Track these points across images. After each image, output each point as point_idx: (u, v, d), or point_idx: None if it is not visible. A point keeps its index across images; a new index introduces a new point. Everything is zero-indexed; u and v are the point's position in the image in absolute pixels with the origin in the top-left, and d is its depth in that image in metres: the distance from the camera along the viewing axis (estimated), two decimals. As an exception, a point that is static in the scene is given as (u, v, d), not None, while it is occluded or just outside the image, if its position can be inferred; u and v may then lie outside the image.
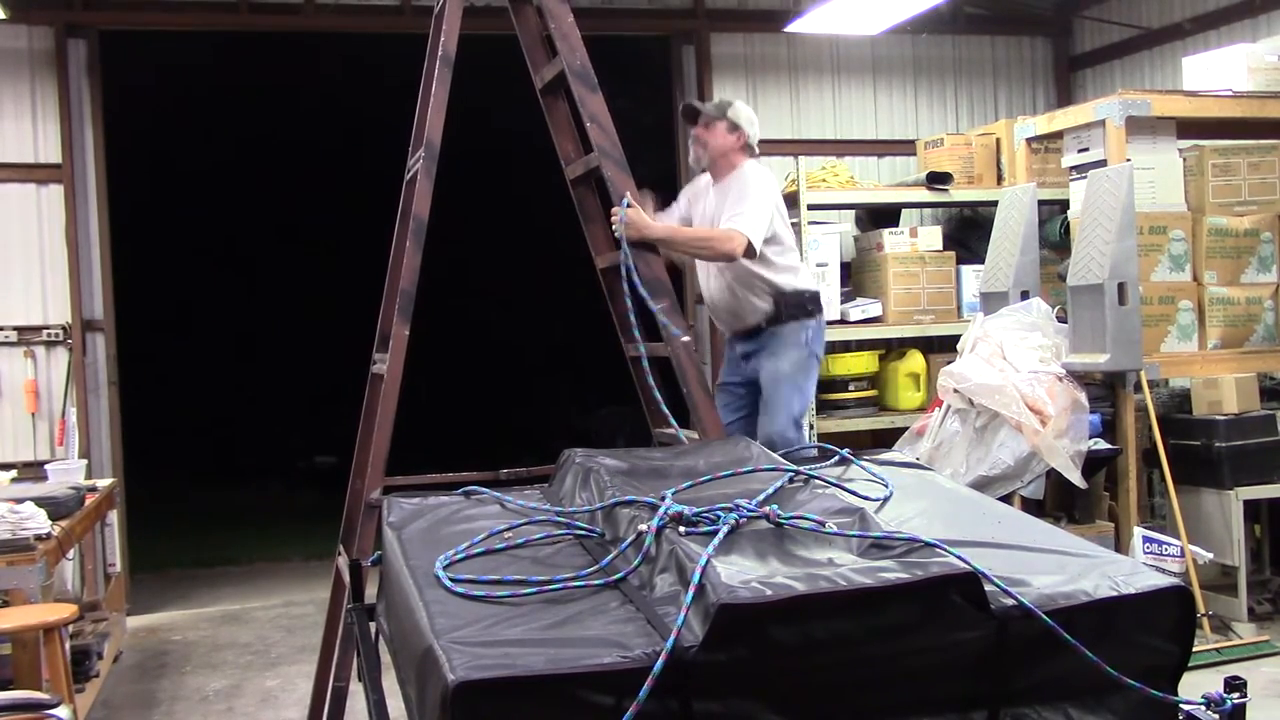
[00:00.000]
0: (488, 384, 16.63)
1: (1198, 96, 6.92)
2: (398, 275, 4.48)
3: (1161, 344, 6.71)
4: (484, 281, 16.26)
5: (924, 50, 10.20)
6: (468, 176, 9.79)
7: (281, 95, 13.98)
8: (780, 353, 5.55)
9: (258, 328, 16.91)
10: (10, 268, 8.31)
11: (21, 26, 8.29)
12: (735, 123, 5.68)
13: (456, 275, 14.05)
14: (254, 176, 15.70)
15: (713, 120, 5.67)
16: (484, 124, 10.72)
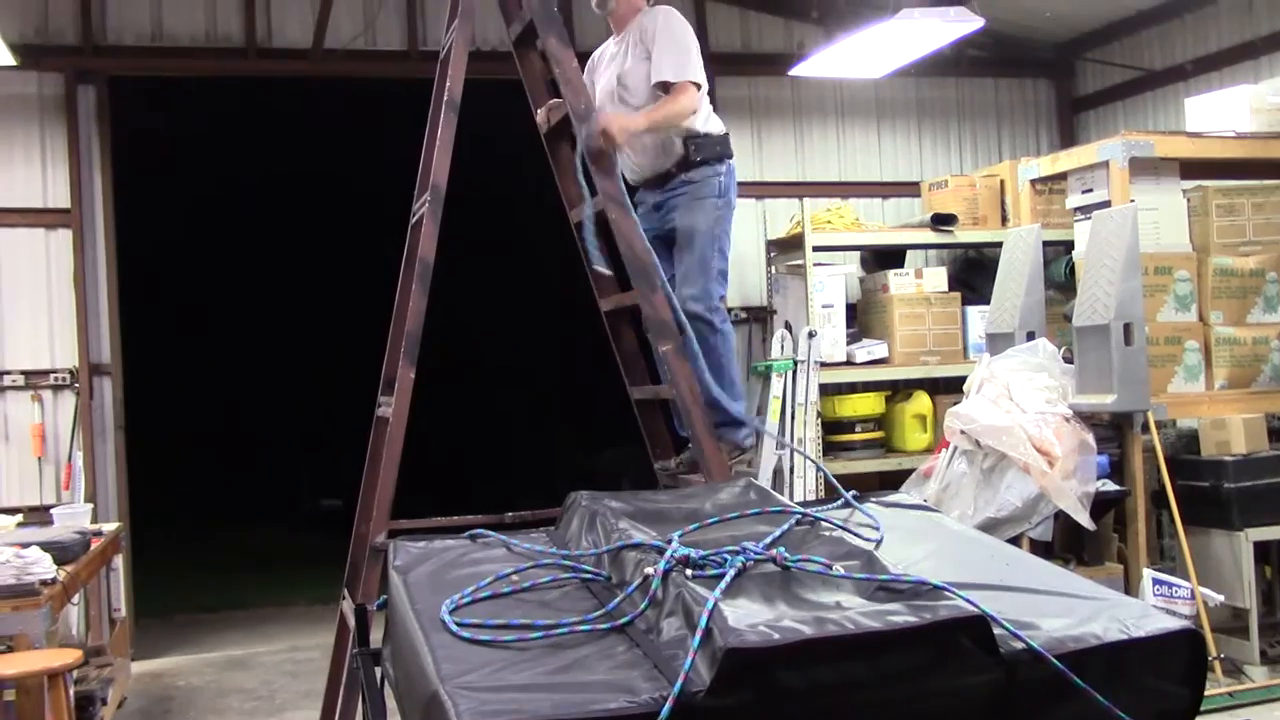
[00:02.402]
0: (493, 427, 16.62)
1: (1201, 138, 6.94)
2: (403, 318, 4.49)
3: (1168, 384, 6.69)
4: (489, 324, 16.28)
5: (928, 92, 10.26)
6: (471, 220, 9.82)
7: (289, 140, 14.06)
8: (696, 207, 5.19)
9: (264, 370, 16.93)
10: (18, 311, 8.33)
11: (32, 73, 8.36)
12: None
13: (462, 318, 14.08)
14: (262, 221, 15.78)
15: None
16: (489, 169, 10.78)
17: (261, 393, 16.97)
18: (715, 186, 5.18)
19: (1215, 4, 8.99)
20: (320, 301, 16.59)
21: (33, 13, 8.47)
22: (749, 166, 9.83)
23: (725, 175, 5.23)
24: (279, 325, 16.91)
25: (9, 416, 8.28)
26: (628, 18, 5.31)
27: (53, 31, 8.51)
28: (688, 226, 5.15)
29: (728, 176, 5.24)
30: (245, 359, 16.99)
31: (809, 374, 8.40)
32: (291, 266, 16.45)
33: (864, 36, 8.03)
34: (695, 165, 5.16)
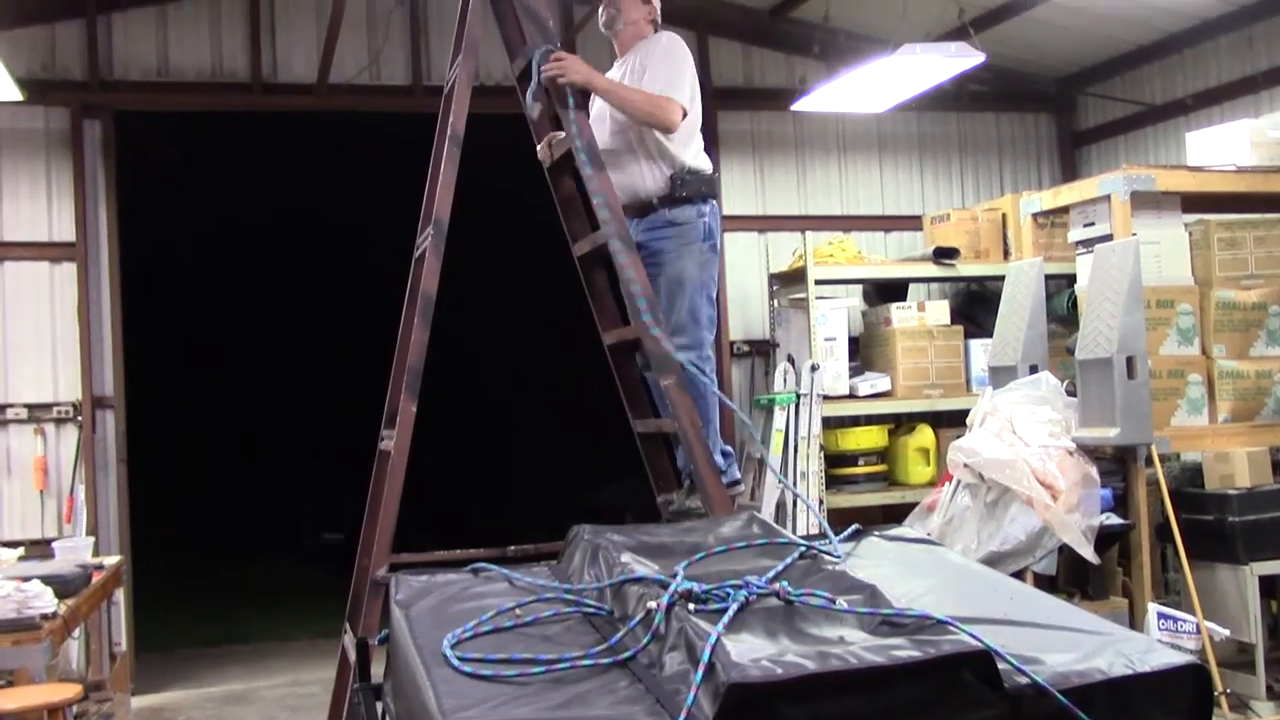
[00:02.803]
0: (495, 460, 16.60)
1: (1202, 172, 6.96)
2: (405, 351, 4.49)
3: (1172, 418, 6.68)
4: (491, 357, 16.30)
5: (929, 127, 10.31)
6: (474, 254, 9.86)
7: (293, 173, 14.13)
8: (685, 253, 5.06)
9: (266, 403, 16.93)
10: (22, 345, 8.36)
11: (38, 108, 8.42)
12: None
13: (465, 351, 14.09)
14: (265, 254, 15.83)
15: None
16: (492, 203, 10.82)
17: (263, 426, 16.96)
18: (701, 229, 5.08)
19: (1215, 40, 9.04)
20: (323, 334, 16.61)
21: (40, 49, 8.54)
22: (751, 200, 9.87)
23: (710, 217, 5.12)
24: (281, 358, 16.93)
25: (11, 450, 8.28)
26: (631, 41, 5.33)
27: (60, 67, 8.58)
28: (677, 274, 5.03)
29: (712, 218, 5.13)
30: (247, 391, 17.01)
31: (812, 407, 8.39)
32: (294, 299, 16.49)
33: (865, 71, 8.08)
34: (679, 202, 5.05)
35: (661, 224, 5.06)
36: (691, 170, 5.10)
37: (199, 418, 16.67)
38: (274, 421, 16.92)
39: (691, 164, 5.11)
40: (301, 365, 16.79)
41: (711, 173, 5.22)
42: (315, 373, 16.66)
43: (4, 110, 8.28)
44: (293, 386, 16.78)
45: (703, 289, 5.07)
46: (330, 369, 16.26)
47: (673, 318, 4.88)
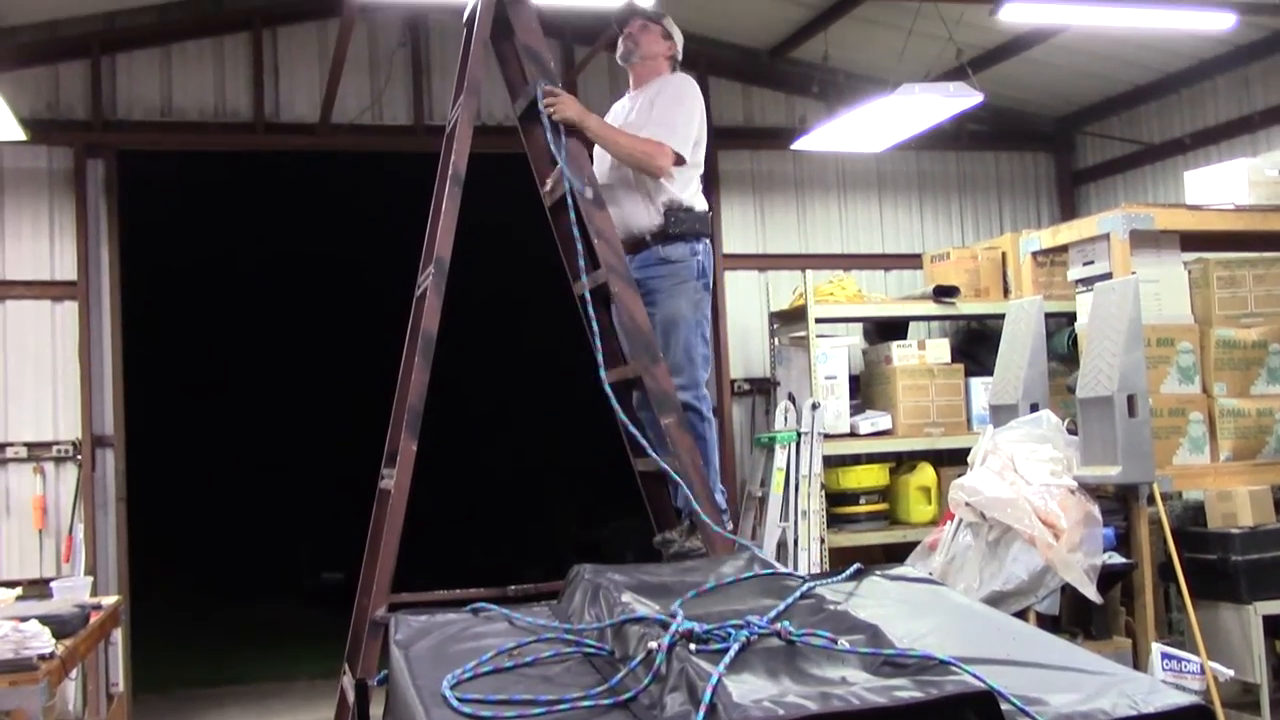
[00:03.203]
0: (496, 499, 16.56)
1: (1201, 210, 6.99)
2: (406, 391, 4.49)
3: (1173, 456, 6.67)
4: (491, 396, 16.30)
5: (928, 166, 10.36)
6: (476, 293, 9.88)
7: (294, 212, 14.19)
8: (678, 292, 5.08)
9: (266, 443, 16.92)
10: (23, 383, 8.36)
11: (42, 147, 8.47)
12: (669, 31, 5.53)
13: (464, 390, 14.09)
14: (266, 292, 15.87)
15: (649, 23, 5.48)
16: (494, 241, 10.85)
17: (263, 465, 16.94)
18: (694, 268, 5.11)
19: (1212, 80, 9.10)
20: (323, 373, 16.62)
21: (44, 89, 8.59)
22: (752, 239, 9.90)
23: (703, 255, 5.15)
24: (281, 396, 16.94)
25: (10, 489, 8.27)
26: (647, 77, 5.37)
27: (63, 107, 8.63)
28: (671, 314, 5.04)
29: (705, 257, 5.16)
30: (247, 430, 17.00)
31: (813, 445, 8.38)
32: (295, 338, 16.51)
33: (865, 111, 8.13)
34: (672, 239, 5.07)
35: (655, 261, 5.09)
36: (686, 208, 5.13)
37: (199, 457, 16.65)
38: (274, 460, 16.90)
39: (686, 202, 5.14)
40: (302, 404, 16.79)
41: (706, 211, 5.25)
42: (315, 411, 16.66)
43: (7, 150, 8.33)
44: (293, 425, 16.77)
45: (697, 327, 5.09)
46: (330, 407, 16.26)
47: (669, 357, 4.89)
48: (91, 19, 8.68)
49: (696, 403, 4.96)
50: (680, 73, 5.46)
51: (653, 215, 5.11)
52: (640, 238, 5.10)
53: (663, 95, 5.21)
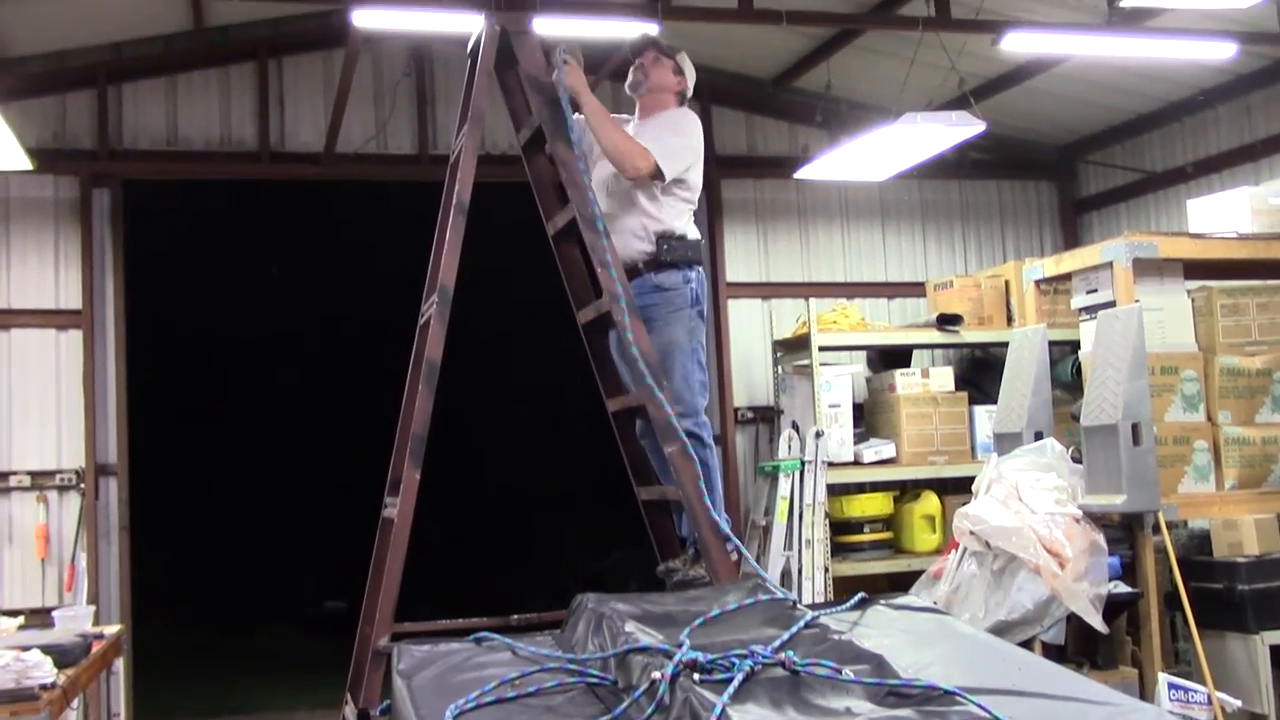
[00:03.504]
0: (499, 528, 16.53)
1: (1204, 239, 6.99)
2: (409, 419, 4.50)
3: (1178, 485, 6.65)
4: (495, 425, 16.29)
5: (931, 194, 10.38)
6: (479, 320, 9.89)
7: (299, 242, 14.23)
8: (673, 320, 5.10)
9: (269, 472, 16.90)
10: (27, 412, 8.36)
11: (48, 177, 8.51)
12: (681, 67, 5.56)
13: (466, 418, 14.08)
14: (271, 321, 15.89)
15: (662, 56, 5.50)
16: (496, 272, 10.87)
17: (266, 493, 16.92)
18: (688, 296, 5.13)
19: (1214, 109, 9.13)
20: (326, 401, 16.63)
21: (51, 118, 8.64)
22: (755, 267, 9.92)
23: (696, 283, 5.18)
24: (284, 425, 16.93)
25: (13, 518, 8.26)
26: (653, 108, 5.40)
27: (70, 136, 8.67)
28: (667, 342, 5.05)
29: (699, 284, 5.19)
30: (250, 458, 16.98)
31: (816, 474, 8.37)
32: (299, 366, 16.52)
33: (867, 140, 8.15)
34: (664, 267, 5.10)
35: (649, 289, 5.11)
36: (678, 236, 5.15)
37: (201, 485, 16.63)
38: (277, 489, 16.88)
39: (679, 230, 5.16)
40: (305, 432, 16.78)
41: (698, 240, 5.27)
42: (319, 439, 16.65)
43: (14, 179, 8.36)
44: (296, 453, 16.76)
45: (693, 354, 5.11)
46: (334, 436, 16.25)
47: (668, 385, 4.90)
48: (98, 49, 8.73)
49: (697, 429, 4.96)
50: (686, 108, 5.49)
51: (645, 243, 5.13)
52: (633, 266, 5.12)
53: (661, 124, 5.25)
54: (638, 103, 5.46)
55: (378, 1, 6.82)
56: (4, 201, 8.50)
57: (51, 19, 8.04)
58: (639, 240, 5.14)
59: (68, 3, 7.64)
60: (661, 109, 5.38)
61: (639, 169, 5.00)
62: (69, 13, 7.99)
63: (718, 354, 9.48)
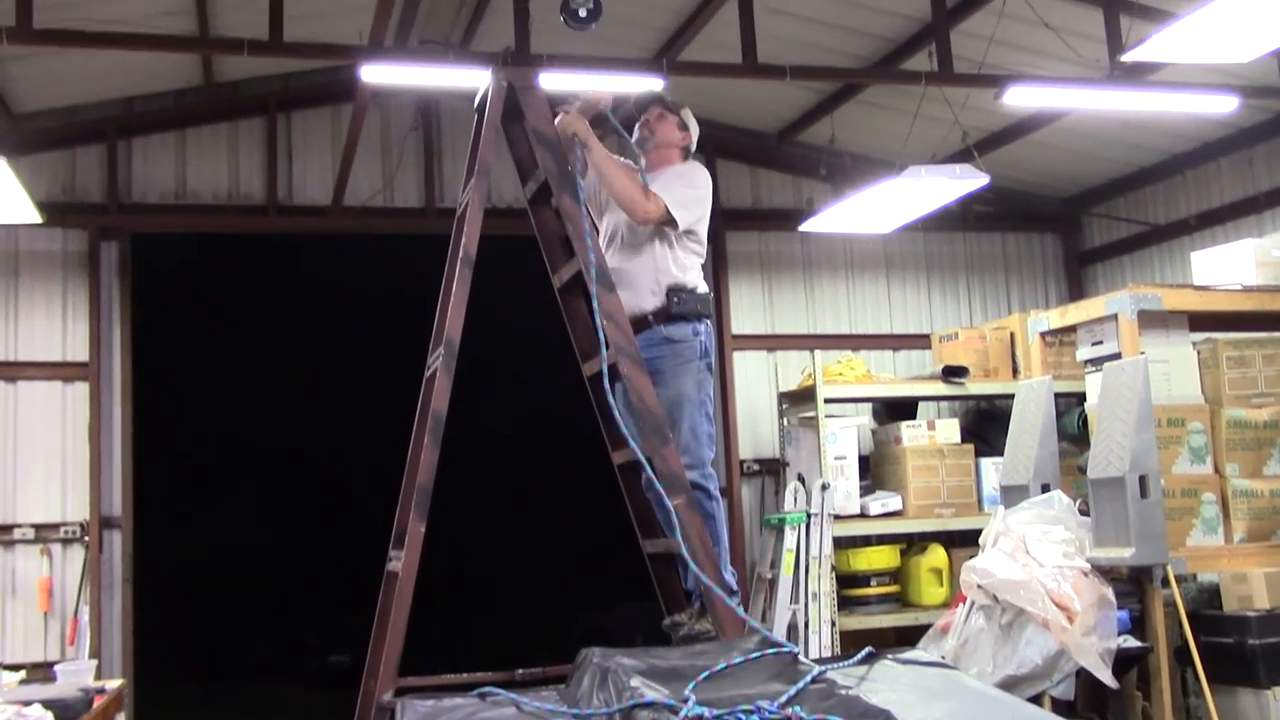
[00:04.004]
0: (503, 580, 16.45)
1: (1208, 291, 7.00)
2: (415, 471, 4.49)
3: (1187, 537, 6.61)
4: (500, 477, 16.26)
5: (936, 246, 10.42)
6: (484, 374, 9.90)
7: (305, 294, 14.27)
8: (682, 372, 5.11)
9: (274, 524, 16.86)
10: (32, 464, 8.37)
11: (57, 230, 8.57)
12: (685, 122, 5.59)
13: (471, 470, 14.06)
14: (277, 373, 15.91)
15: (667, 112, 5.53)
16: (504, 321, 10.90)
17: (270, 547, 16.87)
18: (697, 348, 5.14)
19: (1216, 161, 9.19)
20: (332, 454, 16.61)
21: (61, 172, 8.72)
22: (760, 319, 9.94)
23: (705, 336, 5.19)
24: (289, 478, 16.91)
25: (17, 571, 8.24)
26: (659, 164, 5.43)
27: (79, 190, 8.74)
28: (675, 394, 5.05)
29: (707, 337, 5.21)
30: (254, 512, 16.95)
31: (823, 527, 8.34)
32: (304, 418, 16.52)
33: (872, 193, 8.20)
34: (674, 319, 5.11)
35: (658, 341, 5.12)
36: (688, 289, 5.17)
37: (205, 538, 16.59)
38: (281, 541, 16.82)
39: (689, 284, 5.19)
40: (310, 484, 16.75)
41: (707, 293, 5.29)
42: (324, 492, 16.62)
43: (23, 232, 8.42)
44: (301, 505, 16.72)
45: (701, 407, 5.11)
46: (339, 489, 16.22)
47: (675, 437, 4.89)
48: (110, 104, 8.83)
49: (704, 481, 4.95)
50: (693, 160, 5.53)
51: (656, 296, 5.15)
52: (643, 318, 5.14)
53: (667, 175, 5.28)
54: (644, 158, 5.49)
55: (386, 57, 6.89)
56: (13, 254, 8.55)
57: (64, 75, 8.13)
58: (649, 293, 5.15)
59: (80, 59, 7.73)
60: (667, 164, 5.42)
61: (649, 213, 5.05)
62: (81, 69, 8.08)
63: (723, 406, 9.48)
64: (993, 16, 7.42)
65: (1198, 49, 6.15)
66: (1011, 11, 7.36)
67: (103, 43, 6.85)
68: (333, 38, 7.50)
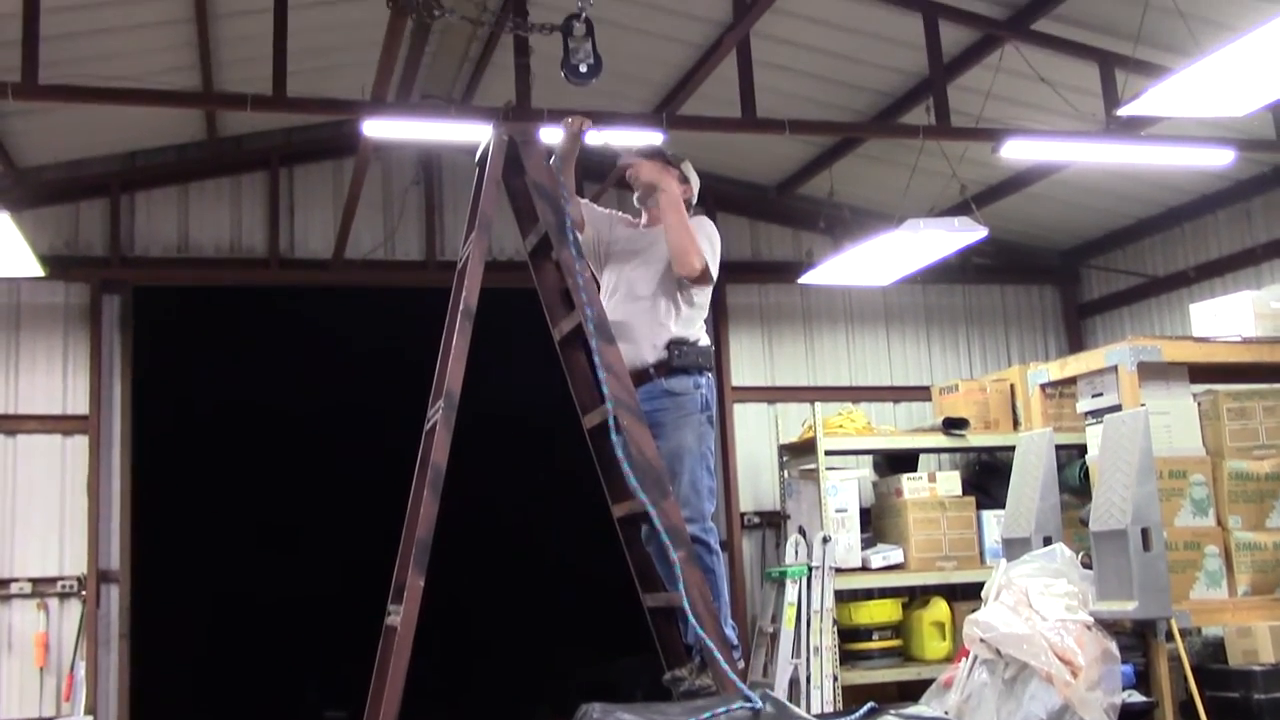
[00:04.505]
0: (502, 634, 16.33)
1: (1208, 342, 7.00)
2: (414, 524, 4.47)
3: (1190, 591, 6.57)
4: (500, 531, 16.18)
5: (935, 299, 10.45)
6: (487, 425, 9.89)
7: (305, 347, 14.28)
8: (683, 424, 5.07)
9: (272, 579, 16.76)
10: (30, 518, 8.34)
11: (59, 283, 8.60)
12: (686, 175, 5.59)
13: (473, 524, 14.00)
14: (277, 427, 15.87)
15: (668, 165, 5.51)
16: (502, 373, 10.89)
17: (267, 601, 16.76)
18: (698, 401, 5.12)
19: (1214, 214, 9.23)
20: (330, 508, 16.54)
21: (64, 226, 8.77)
22: (760, 371, 9.95)
23: (706, 389, 5.17)
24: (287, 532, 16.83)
25: (13, 626, 8.18)
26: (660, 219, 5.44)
27: (81, 243, 8.79)
28: (676, 447, 5.03)
29: (709, 390, 5.18)
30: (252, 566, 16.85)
31: (824, 580, 8.29)
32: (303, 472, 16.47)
33: (871, 246, 8.23)
34: (676, 372, 5.10)
35: (659, 394, 5.10)
36: (690, 342, 5.17)
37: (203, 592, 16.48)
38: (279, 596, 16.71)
39: (691, 337, 5.19)
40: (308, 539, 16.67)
41: (709, 346, 5.29)
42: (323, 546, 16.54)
43: (25, 285, 8.45)
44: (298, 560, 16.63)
45: (702, 460, 5.10)
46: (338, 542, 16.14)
47: (675, 490, 4.87)
48: (113, 158, 8.89)
49: (704, 535, 4.93)
50: (701, 216, 5.55)
51: (657, 349, 5.14)
52: (644, 370, 5.12)
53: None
54: (645, 213, 5.50)
55: (389, 112, 6.95)
56: (14, 307, 8.57)
57: (68, 129, 8.20)
58: (651, 346, 5.15)
59: (84, 114, 7.79)
60: None
61: (694, 268, 5.07)
62: (85, 123, 8.14)
63: (723, 458, 9.47)
64: (989, 71, 7.49)
65: (1193, 103, 6.19)
66: (1008, 66, 7.43)
67: (108, 98, 6.91)
68: (335, 93, 7.58)
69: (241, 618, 16.56)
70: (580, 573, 14.80)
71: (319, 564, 16.41)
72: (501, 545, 16.31)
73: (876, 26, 7.47)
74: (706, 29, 7.65)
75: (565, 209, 4.94)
